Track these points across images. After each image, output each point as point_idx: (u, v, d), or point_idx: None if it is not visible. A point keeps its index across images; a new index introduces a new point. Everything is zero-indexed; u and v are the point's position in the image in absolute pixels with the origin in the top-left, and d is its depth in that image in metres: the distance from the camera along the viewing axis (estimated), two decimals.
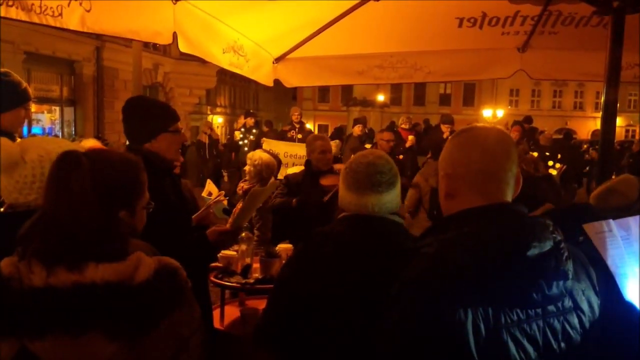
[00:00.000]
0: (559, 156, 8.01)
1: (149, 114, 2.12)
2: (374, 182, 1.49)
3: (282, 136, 8.55)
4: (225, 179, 11.42)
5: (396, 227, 1.53)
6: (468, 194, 1.18)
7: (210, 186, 4.24)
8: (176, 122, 2.16)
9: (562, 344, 1.06)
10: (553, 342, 1.05)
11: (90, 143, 4.23)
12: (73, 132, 14.54)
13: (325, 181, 3.65)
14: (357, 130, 8.40)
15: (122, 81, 15.87)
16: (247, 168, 4.09)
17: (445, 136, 8.10)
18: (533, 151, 7.53)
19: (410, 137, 8.63)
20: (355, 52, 4.32)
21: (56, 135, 13.38)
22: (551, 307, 1.06)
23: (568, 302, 1.09)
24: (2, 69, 2.45)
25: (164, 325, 1.14)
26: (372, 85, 21.51)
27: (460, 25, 3.75)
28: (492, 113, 26.73)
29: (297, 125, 8.46)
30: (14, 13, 1.82)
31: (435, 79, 4.70)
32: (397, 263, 1.12)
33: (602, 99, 2.86)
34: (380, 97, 25.92)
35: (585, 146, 15.17)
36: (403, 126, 9.13)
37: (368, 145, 7.56)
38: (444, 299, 0.98)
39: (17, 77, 2.45)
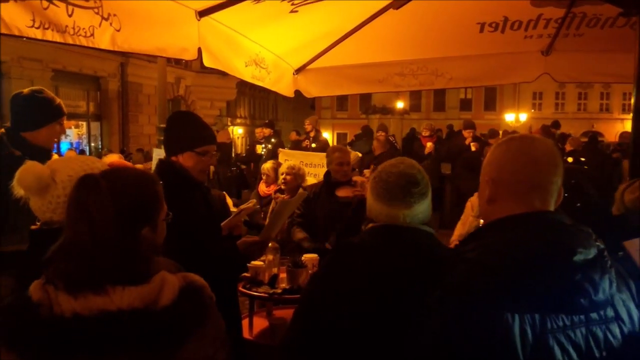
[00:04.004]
0: (583, 159, 7.85)
1: (180, 130, 2.18)
2: (405, 193, 1.45)
3: (297, 146, 8.63)
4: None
5: (429, 238, 1.48)
6: (509, 201, 1.18)
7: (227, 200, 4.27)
8: (206, 145, 2.17)
9: (604, 353, 1.05)
10: (595, 350, 1.05)
11: (112, 158, 4.33)
12: (99, 146, 14.89)
13: (341, 192, 3.64)
14: (381, 137, 8.39)
15: (145, 95, 16.23)
16: (287, 177, 4.12)
17: (467, 142, 8.05)
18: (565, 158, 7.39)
19: (429, 144, 8.58)
20: (375, 60, 4.33)
21: (83, 150, 13.73)
22: (594, 315, 1.06)
23: (610, 312, 1.08)
24: (35, 87, 2.54)
25: (190, 344, 1.13)
26: (392, 93, 21.46)
27: (481, 30, 3.74)
28: (515, 117, 26.34)
29: (312, 134, 8.51)
30: (50, 35, 1.90)
31: (457, 85, 4.67)
32: (431, 274, 1.11)
33: (633, 100, 2.80)
34: (400, 104, 25.81)
35: (612, 148, 14.80)
36: (424, 133, 9.09)
37: None
38: (492, 305, 0.98)
39: (50, 94, 2.53)
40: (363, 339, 1.38)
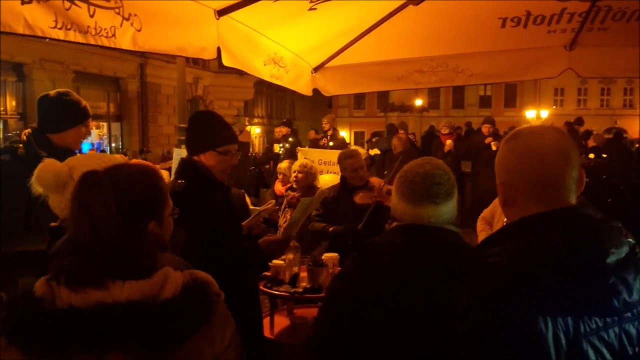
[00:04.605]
0: (604, 155, 7.67)
1: (202, 129, 2.18)
2: (431, 193, 1.44)
3: (314, 144, 8.62)
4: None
5: (454, 237, 1.46)
6: (526, 203, 1.14)
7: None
8: (227, 145, 2.17)
9: (637, 349, 1.03)
10: (628, 347, 1.03)
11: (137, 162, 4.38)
12: (120, 146, 15.11)
13: (359, 199, 3.57)
14: (402, 135, 8.34)
15: (164, 96, 16.41)
16: (299, 176, 4.12)
17: (486, 138, 7.95)
18: (586, 154, 7.24)
19: (448, 142, 8.51)
20: (394, 57, 4.29)
21: (104, 150, 13.95)
22: (627, 314, 1.03)
23: None
24: (61, 89, 2.58)
25: (193, 341, 1.10)
26: (410, 90, 21.31)
27: (503, 25, 3.67)
28: (536, 114, 25.92)
29: (330, 133, 8.50)
30: (73, 36, 1.92)
31: (477, 82, 4.60)
32: (458, 275, 1.09)
33: None
34: (418, 102, 25.62)
35: (637, 145, 14.46)
36: (443, 131, 9.01)
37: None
38: (523, 311, 0.95)
39: (77, 96, 2.57)
40: (386, 340, 1.36)
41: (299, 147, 7.68)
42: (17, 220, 2.24)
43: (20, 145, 2.42)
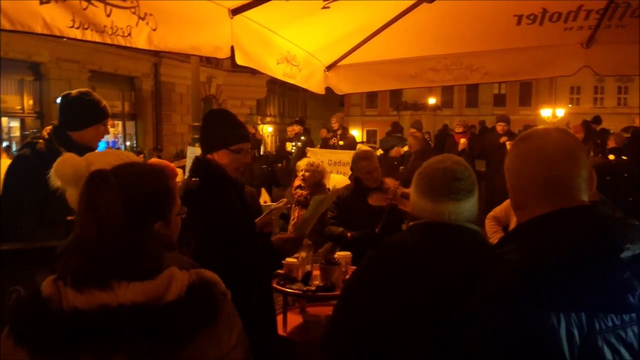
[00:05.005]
0: (624, 158, 7.53)
1: (215, 128, 2.20)
2: (452, 189, 1.40)
3: (325, 143, 8.61)
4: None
5: (474, 236, 1.43)
6: (536, 204, 1.14)
7: (264, 195, 4.32)
8: (240, 143, 2.19)
9: None
10: None
11: (154, 160, 4.43)
12: (134, 145, 15.26)
13: (373, 200, 3.55)
14: (417, 134, 8.29)
15: (178, 95, 16.54)
16: (305, 174, 4.13)
17: (501, 138, 7.87)
18: (606, 155, 7.13)
19: (462, 141, 8.44)
20: (407, 55, 4.26)
21: (119, 149, 14.10)
22: None
23: None
24: (82, 89, 2.66)
25: (197, 342, 1.09)
26: (423, 89, 21.19)
27: (519, 22, 3.63)
28: (552, 113, 25.59)
29: (340, 132, 8.48)
30: (90, 35, 1.94)
31: (492, 80, 4.56)
32: (473, 275, 1.08)
33: None
34: (432, 100, 25.47)
35: None
36: (456, 130, 8.95)
37: None
38: (535, 307, 0.95)
39: (97, 96, 2.65)
40: (403, 340, 1.34)
41: (308, 148, 7.69)
42: (32, 214, 2.29)
43: (41, 140, 2.49)
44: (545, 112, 25.69)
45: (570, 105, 30.53)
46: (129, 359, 1.06)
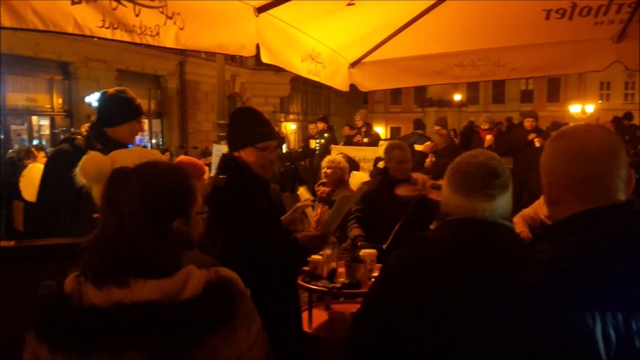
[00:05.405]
0: None
1: (242, 126, 2.23)
2: (486, 185, 1.35)
3: (349, 140, 8.58)
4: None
5: (509, 233, 1.38)
6: (572, 201, 1.12)
7: (305, 193, 4.26)
8: (267, 141, 2.21)
9: None
10: None
11: (182, 158, 4.49)
12: (160, 143, 15.51)
13: (401, 191, 3.53)
14: (442, 131, 8.17)
15: (203, 93, 16.75)
16: (328, 171, 4.13)
17: (529, 130, 7.71)
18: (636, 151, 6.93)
19: (488, 137, 8.30)
20: (433, 51, 4.21)
21: (145, 146, 14.36)
22: None
23: None
24: (118, 87, 2.75)
25: (213, 340, 1.09)
26: (449, 85, 20.91)
27: (547, 17, 3.55)
28: (581, 109, 24.97)
29: (364, 129, 8.44)
30: (119, 35, 1.98)
31: (520, 75, 4.47)
32: (512, 272, 1.06)
33: None
34: (457, 97, 25.09)
35: None
36: (483, 126, 8.81)
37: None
38: (569, 306, 0.93)
39: (132, 95, 2.74)
40: (432, 341, 1.30)
41: (332, 145, 7.67)
42: (66, 209, 2.35)
43: (79, 137, 2.58)
44: (574, 108, 25.08)
45: (600, 101, 29.74)
46: (141, 357, 1.07)
